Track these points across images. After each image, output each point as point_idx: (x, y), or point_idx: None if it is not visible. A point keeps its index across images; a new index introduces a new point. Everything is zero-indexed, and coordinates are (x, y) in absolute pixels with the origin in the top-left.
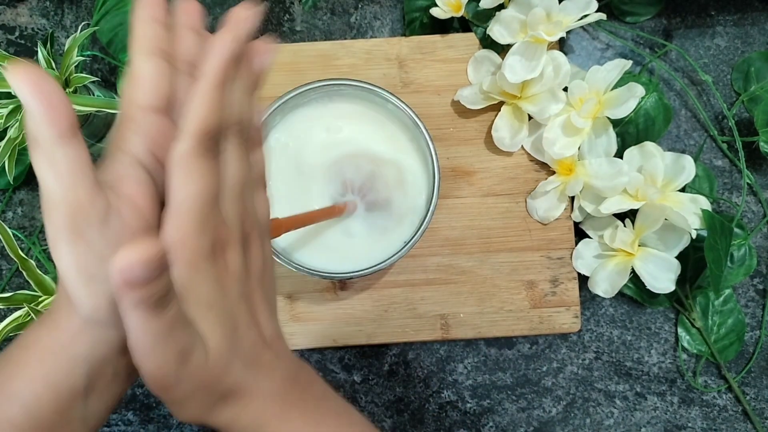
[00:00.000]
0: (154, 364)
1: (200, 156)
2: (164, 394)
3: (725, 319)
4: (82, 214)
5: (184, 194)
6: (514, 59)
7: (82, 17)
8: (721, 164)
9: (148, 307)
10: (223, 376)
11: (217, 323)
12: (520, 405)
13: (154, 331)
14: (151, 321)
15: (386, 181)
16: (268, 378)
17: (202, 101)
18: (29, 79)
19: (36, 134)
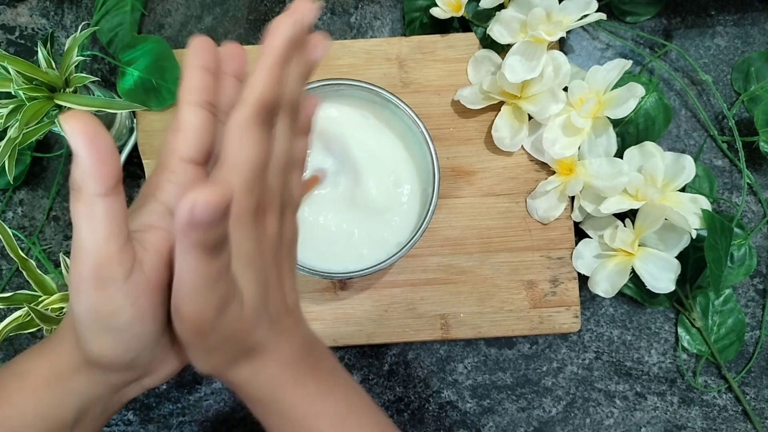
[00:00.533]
0: (197, 306)
1: (257, 125)
2: (197, 340)
3: (725, 319)
4: (109, 268)
5: (239, 156)
6: (514, 59)
7: (82, 17)
8: (721, 164)
9: (205, 250)
10: (252, 331)
11: (254, 279)
12: (520, 405)
13: (205, 275)
14: (205, 264)
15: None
16: (288, 342)
17: (263, 75)
18: (85, 131)
19: (80, 184)
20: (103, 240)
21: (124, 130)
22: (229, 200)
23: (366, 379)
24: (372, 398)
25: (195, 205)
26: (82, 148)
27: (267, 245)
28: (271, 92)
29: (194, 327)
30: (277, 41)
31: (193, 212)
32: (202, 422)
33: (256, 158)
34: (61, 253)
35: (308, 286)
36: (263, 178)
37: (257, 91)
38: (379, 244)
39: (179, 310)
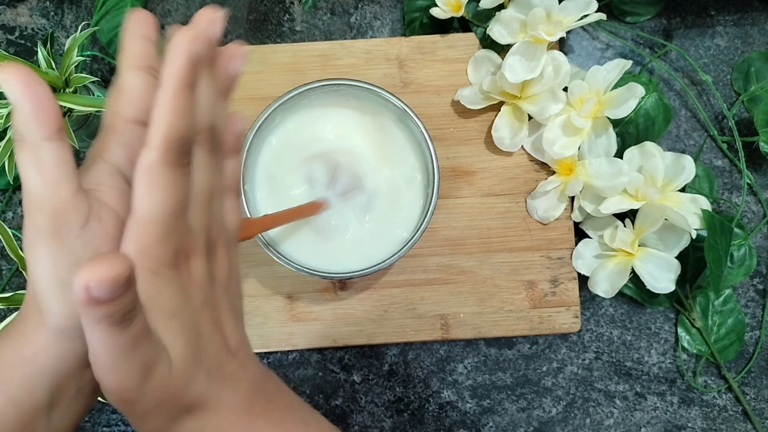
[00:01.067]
0: (116, 379)
1: (167, 166)
2: (126, 408)
3: (725, 319)
4: (63, 215)
5: (147, 205)
6: (514, 59)
7: (82, 17)
8: (721, 164)
9: (111, 323)
10: (187, 388)
11: (180, 332)
12: (520, 405)
13: (117, 347)
14: (114, 337)
15: (374, 186)
16: (232, 389)
17: (166, 107)
18: (20, 78)
19: (23, 132)
20: (54, 186)
21: None
22: (130, 270)
23: (366, 379)
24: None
25: (90, 283)
26: (20, 94)
27: (194, 291)
28: (178, 126)
29: (119, 398)
30: (176, 65)
31: (90, 291)
32: None
33: (168, 204)
34: None
35: (308, 286)
36: (181, 221)
37: (162, 129)
38: (379, 244)
39: (100, 382)
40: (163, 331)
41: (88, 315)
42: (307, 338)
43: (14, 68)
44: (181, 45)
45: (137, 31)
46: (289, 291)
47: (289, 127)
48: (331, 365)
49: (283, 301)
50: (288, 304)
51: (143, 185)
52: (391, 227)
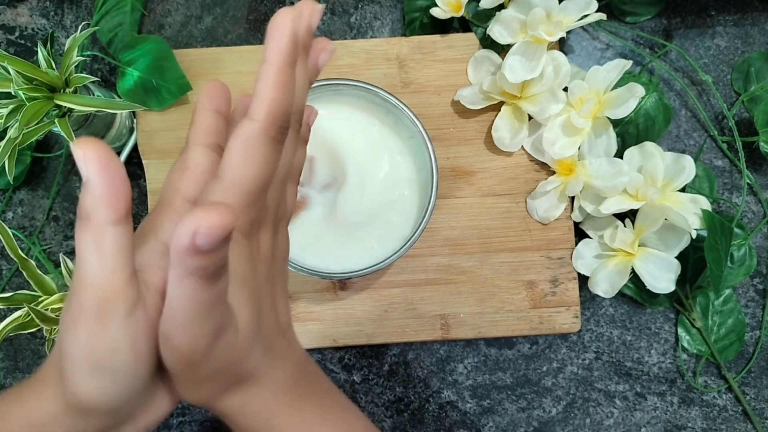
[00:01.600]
0: (191, 336)
1: (267, 141)
2: (188, 370)
3: (725, 319)
4: (113, 302)
5: (242, 173)
6: (514, 59)
7: (82, 17)
8: (721, 164)
9: (203, 276)
10: (245, 358)
11: (247, 302)
12: (520, 405)
13: (201, 303)
14: (202, 292)
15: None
16: (281, 366)
17: (271, 82)
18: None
19: (90, 212)
20: (111, 271)
21: (124, 130)
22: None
23: (366, 379)
24: (368, 419)
25: (198, 229)
26: (95, 174)
27: (260, 263)
28: (281, 103)
29: (185, 358)
30: (281, 42)
31: (196, 238)
32: (202, 422)
33: (262, 177)
34: (61, 253)
35: (308, 286)
36: (263, 195)
37: (267, 103)
38: (379, 244)
39: (170, 339)
40: (234, 298)
41: (184, 264)
42: (307, 338)
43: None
44: (286, 23)
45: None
46: (289, 291)
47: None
48: (331, 365)
49: None
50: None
51: (240, 154)
52: (391, 227)
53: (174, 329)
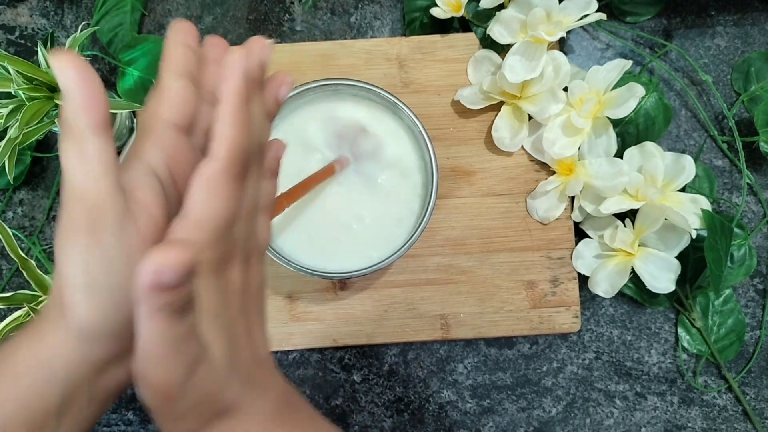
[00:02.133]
0: (163, 374)
1: (229, 177)
2: (164, 407)
3: (725, 319)
4: (101, 210)
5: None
6: (514, 59)
7: (82, 17)
8: (721, 164)
9: (170, 313)
10: (223, 390)
11: (221, 334)
12: (520, 405)
13: (170, 339)
14: (170, 327)
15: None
16: (262, 397)
17: (229, 121)
18: (75, 67)
19: (71, 121)
20: (95, 179)
21: (124, 130)
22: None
23: (366, 379)
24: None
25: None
26: (73, 82)
27: (232, 297)
28: (240, 140)
29: (162, 393)
30: (234, 82)
31: (159, 275)
32: None
33: (225, 214)
34: None
35: (308, 286)
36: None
37: (226, 141)
38: (379, 244)
39: (145, 377)
40: (207, 331)
41: (149, 302)
42: (307, 338)
43: (69, 56)
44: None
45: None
46: (289, 291)
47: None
48: (331, 365)
49: (283, 301)
50: (288, 304)
51: (203, 193)
52: (391, 227)
53: (148, 366)
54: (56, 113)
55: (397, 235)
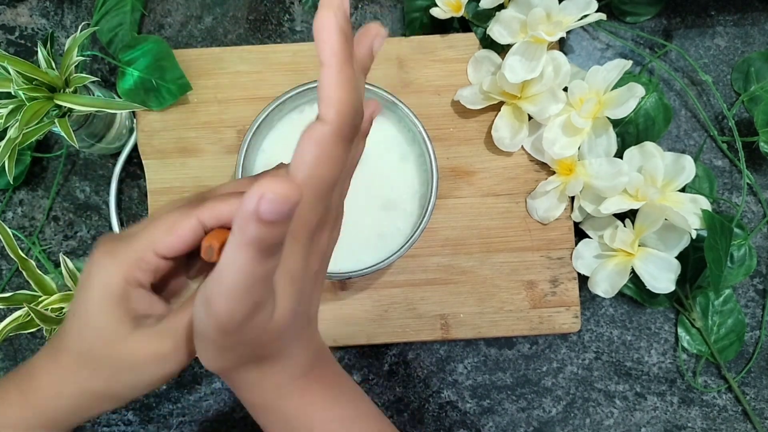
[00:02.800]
0: (231, 306)
1: (340, 140)
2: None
3: (725, 319)
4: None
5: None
6: (514, 59)
7: (82, 17)
8: (721, 164)
9: (258, 250)
10: (273, 341)
11: (292, 296)
12: (520, 405)
13: (250, 275)
14: (254, 264)
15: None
16: (302, 353)
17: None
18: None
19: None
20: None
21: (124, 130)
22: (299, 201)
23: (366, 379)
24: (373, 402)
25: (265, 195)
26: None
27: (314, 261)
28: (349, 101)
29: (220, 324)
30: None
31: (263, 203)
32: (202, 422)
33: (333, 177)
34: (61, 253)
35: None
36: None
37: (336, 103)
38: (379, 244)
39: (211, 304)
40: (281, 289)
41: (243, 232)
42: None
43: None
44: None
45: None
46: None
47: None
48: None
49: None
50: None
51: (312, 154)
52: (391, 227)
53: (218, 294)
54: (56, 113)
55: (396, 235)
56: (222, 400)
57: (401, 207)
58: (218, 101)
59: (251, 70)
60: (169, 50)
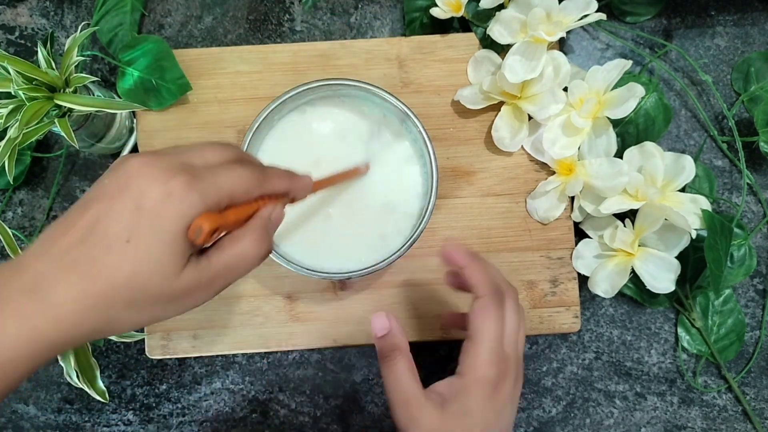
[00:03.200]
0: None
1: (494, 305)
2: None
3: (725, 319)
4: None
5: (484, 330)
6: (514, 59)
7: (82, 17)
8: (721, 164)
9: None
10: None
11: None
12: (520, 405)
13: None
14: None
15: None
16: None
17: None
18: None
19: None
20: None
21: (124, 130)
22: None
23: (366, 379)
24: (372, 402)
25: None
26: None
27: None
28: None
29: None
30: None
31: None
32: (202, 422)
33: (496, 330)
34: None
35: (308, 286)
36: (501, 349)
37: (487, 281)
38: (379, 244)
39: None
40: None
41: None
42: (307, 338)
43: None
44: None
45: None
46: (289, 291)
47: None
48: (331, 365)
49: (283, 301)
50: (288, 304)
51: (482, 317)
52: (391, 227)
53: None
54: (56, 113)
55: (397, 236)
56: (222, 400)
57: (401, 207)
58: (218, 101)
59: (251, 70)
60: (169, 50)
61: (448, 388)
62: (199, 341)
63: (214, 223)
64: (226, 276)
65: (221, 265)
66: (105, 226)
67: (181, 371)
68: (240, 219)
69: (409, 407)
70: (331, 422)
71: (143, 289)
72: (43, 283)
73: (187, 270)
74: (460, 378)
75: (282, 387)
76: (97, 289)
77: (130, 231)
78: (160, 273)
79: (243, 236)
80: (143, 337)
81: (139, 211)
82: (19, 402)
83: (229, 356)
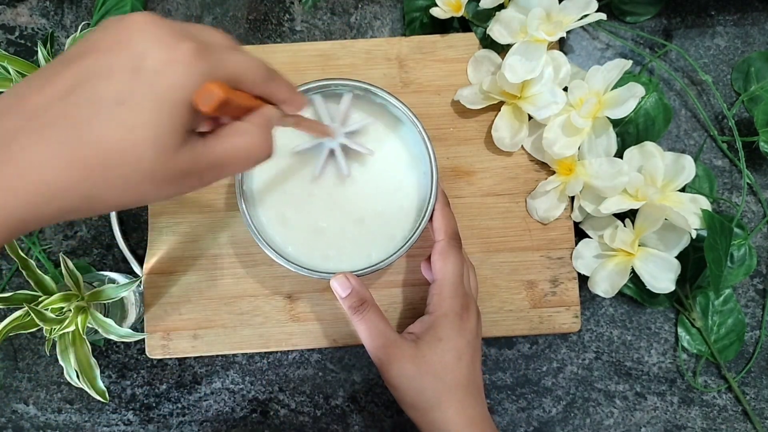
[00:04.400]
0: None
1: (454, 248)
2: None
3: (725, 319)
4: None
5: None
6: (514, 59)
7: (82, 17)
8: (721, 164)
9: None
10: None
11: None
12: (520, 405)
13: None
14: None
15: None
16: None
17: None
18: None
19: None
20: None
21: None
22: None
23: (366, 379)
24: (373, 402)
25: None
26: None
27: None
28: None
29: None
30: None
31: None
32: (202, 422)
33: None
34: (61, 253)
35: (308, 286)
36: (462, 286)
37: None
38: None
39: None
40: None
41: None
42: (307, 338)
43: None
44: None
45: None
46: (289, 291)
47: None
48: (331, 365)
49: (283, 301)
50: (288, 304)
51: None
52: (391, 227)
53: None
54: None
55: (396, 235)
56: (222, 400)
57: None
58: None
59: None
60: None
61: (419, 327)
62: (199, 341)
63: (226, 93)
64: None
65: (219, 154)
66: (93, 84)
67: (181, 371)
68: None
69: (387, 347)
70: (331, 422)
71: (135, 162)
72: (11, 142)
73: (185, 149)
74: (430, 315)
75: (282, 387)
76: (78, 156)
77: (124, 93)
78: (157, 145)
79: (246, 129)
80: (143, 337)
81: (137, 73)
82: (19, 402)
83: (229, 356)
